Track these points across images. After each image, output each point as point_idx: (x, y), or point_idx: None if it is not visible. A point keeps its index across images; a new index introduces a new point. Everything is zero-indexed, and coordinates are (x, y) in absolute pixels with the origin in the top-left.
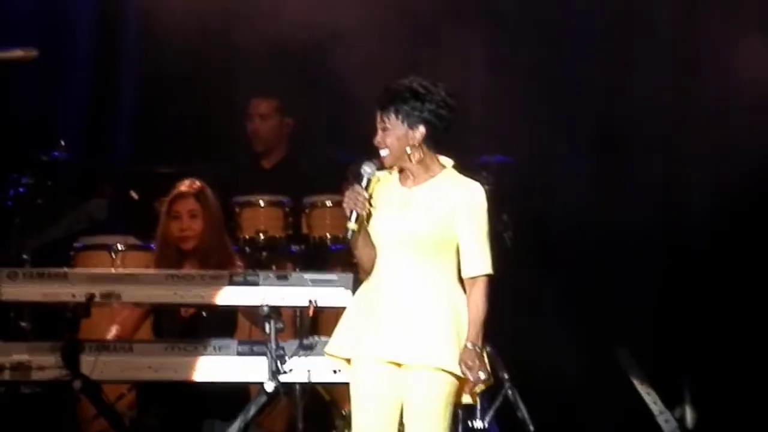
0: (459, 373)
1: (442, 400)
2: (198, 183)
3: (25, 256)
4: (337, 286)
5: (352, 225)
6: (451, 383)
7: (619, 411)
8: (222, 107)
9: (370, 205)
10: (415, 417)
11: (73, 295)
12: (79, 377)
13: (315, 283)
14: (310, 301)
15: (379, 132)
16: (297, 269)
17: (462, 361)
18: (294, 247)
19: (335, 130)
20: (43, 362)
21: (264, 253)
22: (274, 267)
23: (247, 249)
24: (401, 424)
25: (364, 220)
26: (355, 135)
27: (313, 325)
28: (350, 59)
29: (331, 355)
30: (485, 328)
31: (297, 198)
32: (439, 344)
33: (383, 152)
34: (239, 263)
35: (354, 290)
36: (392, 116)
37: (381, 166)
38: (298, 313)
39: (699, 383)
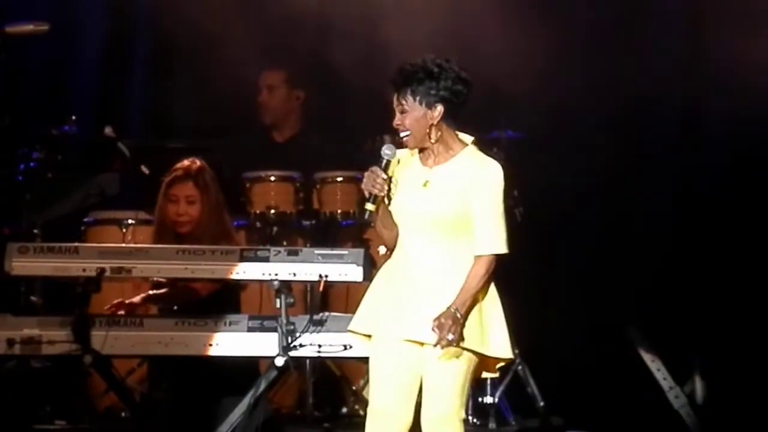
0: (479, 351)
1: (459, 377)
2: (198, 163)
3: (35, 231)
4: (347, 262)
5: (369, 206)
6: (468, 360)
7: (628, 386)
8: (235, 82)
9: (389, 186)
10: (432, 392)
11: (84, 270)
12: (90, 352)
13: (325, 258)
14: (321, 277)
15: (397, 114)
16: (307, 244)
17: (437, 318)
18: (305, 223)
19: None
20: (54, 337)
21: (275, 229)
22: (284, 242)
23: (258, 224)
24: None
25: (381, 202)
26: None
27: (323, 301)
28: (364, 33)
29: (353, 332)
30: (504, 305)
31: (310, 173)
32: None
33: (404, 134)
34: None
35: (364, 266)
36: (409, 98)
37: (401, 147)
38: (308, 289)
39: (709, 359)
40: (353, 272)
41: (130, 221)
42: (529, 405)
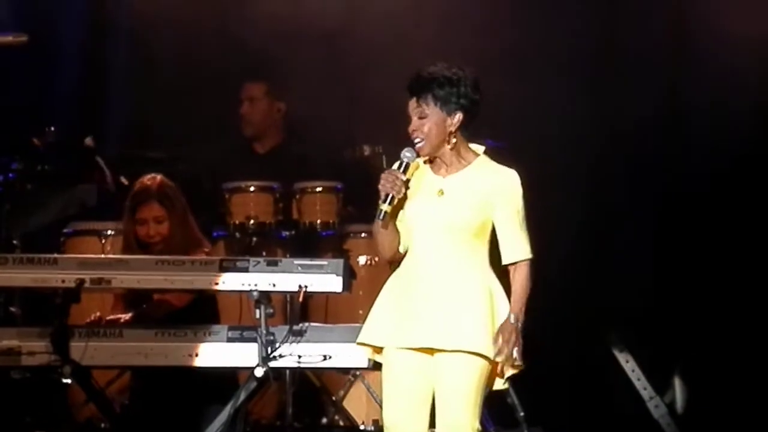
0: (493, 356)
1: (475, 385)
2: (158, 179)
3: (15, 242)
4: (327, 272)
5: (385, 207)
6: (485, 368)
7: (608, 396)
8: (215, 91)
9: (407, 189)
10: (445, 401)
11: (63, 281)
12: (69, 363)
13: (305, 268)
14: (300, 287)
15: (415, 119)
16: (287, 255)
17: (500, 333)
18: (284, 233)
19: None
20: (33, 347)
21: (254, 239)
22: (264, 253)
23: (237, 234)
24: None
25: (396, 205)
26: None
27: (303, 311)
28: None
29: (364, 344)
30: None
31: (290, 183)
32: (476, 329)
33: (419, 141)
34: (206, 248)
35: (344, 276)
36: (430, 102)
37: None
38: (288, 299)
39: (689, 368)
40: (333, 283)
41: (109, 232)
42: (509, 415)
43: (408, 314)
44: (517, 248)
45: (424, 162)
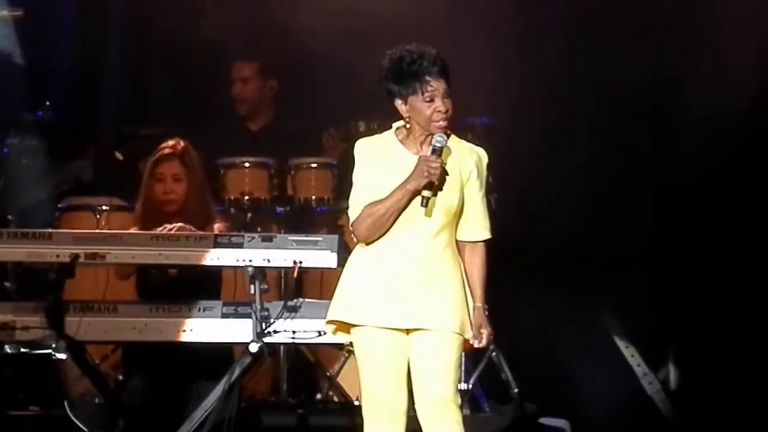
0: (469, 337)
1: (455, 360)
2: (182, 143)
3: (9, 217)
4: (321, 248)
5: (427, 193)
6: (461, 346)
7: (602, 373)
8: (209, 69)
9: (446, 174)
10: (429, 378)
11: (58, 256)
12: (64, 338)
13: (300, 244)
14: (295, 263)
15: (446, 101)
16: (282, 231)
17: (477, 324)
18: (279, 209)
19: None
20: (28, 322)
21: (249, 215)
22: (258, 228)
23: (232, 210)
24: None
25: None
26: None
27: (297, 287)
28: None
29: (335, 322)
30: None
31: (283, 160)
32: (456, 308)
33: (445, 122)
34: (221, 224)
35: (339, 252)
36: (448, 83)
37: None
38: (282, 275)
39: (682, 345)
40: (327, 258)
41: (104, 207)
42: (503, 391)
43: (389, 294)
44: (484, 227)
45: (381, 137)
